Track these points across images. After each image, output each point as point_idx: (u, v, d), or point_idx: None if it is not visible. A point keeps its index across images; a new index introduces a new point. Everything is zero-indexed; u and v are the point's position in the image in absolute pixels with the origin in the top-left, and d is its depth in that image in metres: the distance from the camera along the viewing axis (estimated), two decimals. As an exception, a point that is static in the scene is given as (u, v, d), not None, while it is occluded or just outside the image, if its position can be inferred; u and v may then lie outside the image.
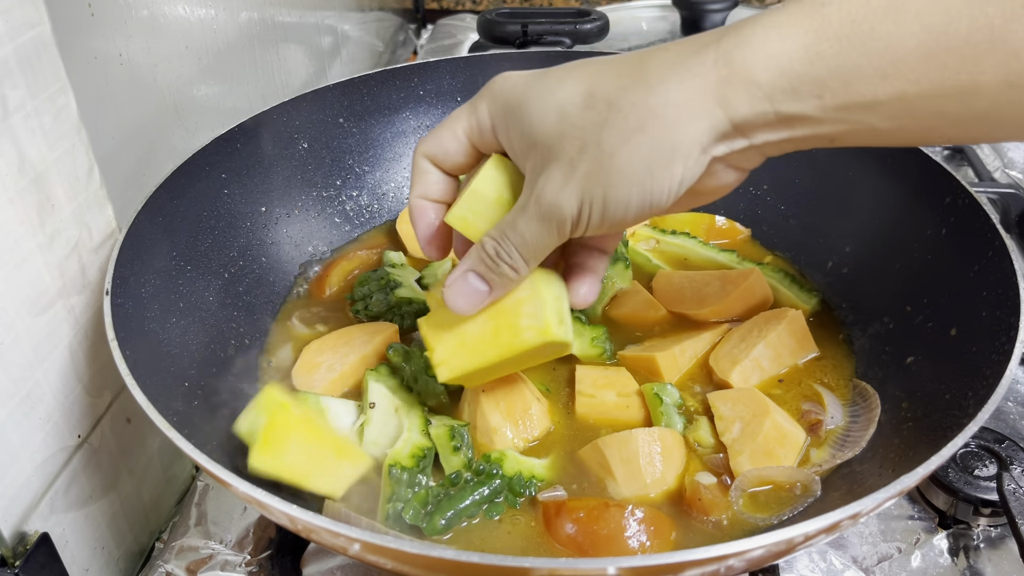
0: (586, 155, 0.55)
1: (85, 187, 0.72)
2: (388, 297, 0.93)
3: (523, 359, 0.71)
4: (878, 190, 0.94)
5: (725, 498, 0.72)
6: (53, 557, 0.69)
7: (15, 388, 0.65)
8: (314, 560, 0.78)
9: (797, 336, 0.87)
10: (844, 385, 0.85)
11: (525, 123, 0.59)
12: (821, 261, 0.99)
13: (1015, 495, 0.74)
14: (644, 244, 1.04)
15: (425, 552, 0.52)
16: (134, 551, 0.83)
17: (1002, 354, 0.67)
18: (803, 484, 0.73)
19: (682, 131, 0.53)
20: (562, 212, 0.58)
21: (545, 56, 1.15)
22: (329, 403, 0.79)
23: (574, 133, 0.56)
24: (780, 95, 0.52)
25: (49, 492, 0.70)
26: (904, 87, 0.49)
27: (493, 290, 0.65)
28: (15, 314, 0.65)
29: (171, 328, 0.79)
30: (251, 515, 0.83)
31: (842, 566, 0.77)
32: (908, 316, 0.85)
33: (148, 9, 0.87)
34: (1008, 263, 0.74)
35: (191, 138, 0.97)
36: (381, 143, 1.11)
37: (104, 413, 0.77)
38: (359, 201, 1.09)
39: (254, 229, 0.97)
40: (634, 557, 0.51)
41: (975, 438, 0.82)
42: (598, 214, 0.57)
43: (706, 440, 0.78)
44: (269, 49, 1.17)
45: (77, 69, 0.72)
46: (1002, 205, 1.21)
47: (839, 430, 0.80)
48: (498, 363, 0.70)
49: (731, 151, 0.56)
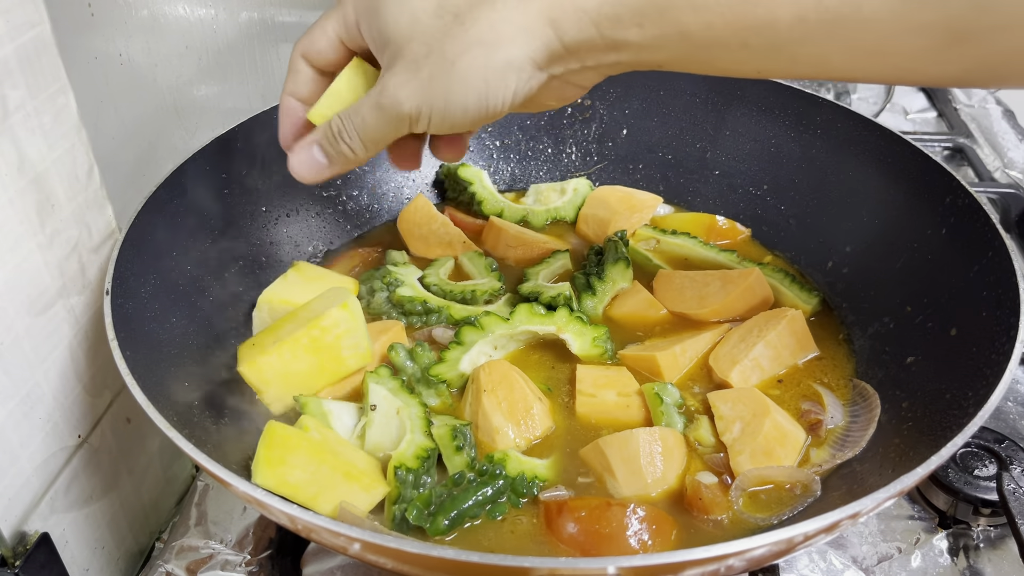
0: (430, 60, 0.60)
1: (85, 187, 0.72)
2: (390, 296, 0.93)
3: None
4: (878, 190, 0.94)
5: (726, 497, 0.72)
6: (53, 557, 0.69)
7: (15, 388, 0.65)
8: (314, 560, 0.78)
9: (797, 336, 0.87)
10: (844, 385, 0.85)
11: (381, 21, 0.63)
12: (821, 261, 0.99)
13: (1015, 495, 0.74)
14: (645, 244, 1.04)
15: (425, 552, 0.52)
16: (134, 551, 0.83)
17: (1002, 354, 0.67)
18: (803, 484, 0.73)
19: (517, 48, 0.59)
20: (400, 108, 0.63)
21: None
22: (331, 406, 0.79)
23: (422, 38, 0.61)
24: (606, 22, 0.57)
25: (49, 492, 0.70)
26: (712, 19, 0.55)
27: (331, 165, 0.71)
28: (15, 314, 0.65)
29: (171, 328, 0.79)
30: (251, 515, 0.83)
31: (842, 566, 0.77)
32: (908, 316, 0.85)
33: (148, 9, 0.87)
34: (1008, 263, 0.74)
35: (191, 138, 0.97)
36: (381, 143, 1.11)
37: (104, 413, 0.77)
38: (359, 201, 1.09)
39: (254, 229, 0.97)
40: (634, 557, 0.51)
41: (975, 438, 0.82)
42: (439, 116, 0.63)
43: (706, 439, 0.78)
44: (269, 49, 1.17)
45: (77, 69, 0.72)
46: (1002, 205, 1.21)
47: (839, 430, 0.79)
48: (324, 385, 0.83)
49: (566, 70, 0.62)
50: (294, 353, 0.79)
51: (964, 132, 1.46)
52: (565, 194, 1.12)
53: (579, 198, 1.11)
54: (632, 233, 1.05)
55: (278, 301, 0.88)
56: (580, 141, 1.17)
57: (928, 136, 1.43)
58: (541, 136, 1.18)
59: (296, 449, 0.69)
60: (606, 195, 1.08)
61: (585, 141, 1.17)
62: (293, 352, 0.79)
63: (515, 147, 1.18)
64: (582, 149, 1.17)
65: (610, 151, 1.16)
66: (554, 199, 1.12)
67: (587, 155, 1.17)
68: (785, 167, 1.05)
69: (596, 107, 1.16)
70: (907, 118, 1.55)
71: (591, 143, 1.17)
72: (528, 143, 1.18)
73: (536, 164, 1.18)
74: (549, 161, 1.18)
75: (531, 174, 1.18)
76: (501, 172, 1.18)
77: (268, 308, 0.89)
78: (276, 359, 0.79)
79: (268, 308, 0.89)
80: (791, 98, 1.04)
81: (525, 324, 0.86)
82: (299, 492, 0.69)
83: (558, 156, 1.18)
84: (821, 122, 1.01)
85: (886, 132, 0.94)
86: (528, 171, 1.18)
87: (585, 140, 1.17)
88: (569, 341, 0.86)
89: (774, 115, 1.06)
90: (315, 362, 0.80)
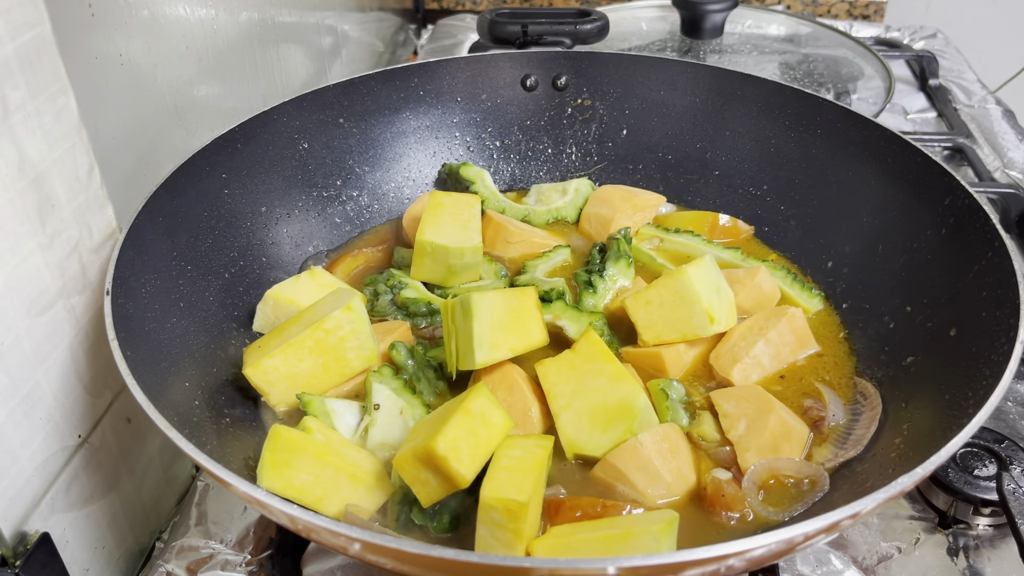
0: None
1: (85, 187, 0.72)
2: (394, 298, 0.93)
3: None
4: (878, 190, 0.94)
5: (742, 493, 0.73)
6: (53, 557, 0.69)
7: (15, 388, 0.65)
8: (314, 560, 0.78)
9: (797, 333, 0.88)
10: (845, 383, 0.85)
11: None
12: (821, 261, 0.99)
13: (1015, 495, 0.74)
14: (648, 243, 1.04)
15: (425, 552, 0.52)
16: (134, 551, 0.83)
17: (1002, 354, 0.67)
18: (811, 479, 0.74)
19: None
20: None
21: (545, 56, 1.15)
22: (334, 405, 0.79)
23: None
24: None
25: (49, 492, 0.70)
26: None
27: None
28: (15, 314, 0.65)
29: (171, 328, 0.79)
30: (251, 515, 0.83)
31: (842, 566, 0.77)
32: (908, 316, 0.85)
33: (148, 9, 0.87)
34: (1008, 263, 0.74)
35: (191, 138, 0.97)
36: (381, 143, 1.11)
37: (104, 413, 0.77)
38: (359, 201, 1.09)
39: (254, 229, 0.97)
40: (634, 557, 0.51)
41: (975, 438, 0.82)
42: None
43: (710, 435, 0.78)
44: (269, 49, 1.17)
45: (77, 69, 0.72)
46: (1002, 205, 1.21)
47: (841, 428, 0.80)
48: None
49: None
50: (299, 355, 0.80)
51: (964, 132, 1.46)
52: (567, 194, 1.12)
53: (581, 198, 1.11)
54: (635, 232, 1.05)
55: (284, 299, 0.89)
56: (580, 141, 1.17)
57: (928, 136, 1.43)
58: (541, 136, 1.18)
59: (301, 452, 0.69)
60: (609, 194, 1.08)
61: (585, 141, 1.17)
62: (298, 354, 0.79)
63: (515, 147, 1.18)
64: (582, 149, 1.17)
65: (610, 151, 1.16)
66: (556, 199, 1.12)
67: (587, 155, 1.17)
68: (785, 167, 1.05)
69: (596, 107, 1.16)
70: (907, 118, 1.55)
71: (591, 143, 1.17)
72: (528, 143, 1.18)
73: (536, 164, 1.18)
74: (549, 161, 1.18)
75: (531, 174, 1.18)
76: (501, 172, 1.18)
77: (273, 303, 0.90)
78: (281, 361, 0.79)
79: (273, 303, 0.90)
80: (791, 98, 1.04)
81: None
82: (305, 495, 0.69)
83: (558, 156, 1.18)
84: (821, 122, 1.01)
85: (886, 132, 0.94)
86: (528, 171, 1.18)
87: (585, 140, 1.17)
88: (566, 327, 0.87)
89: (774, 115, 1.06)
90: (320, 364, 0.81)
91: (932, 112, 1.57)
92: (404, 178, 1.13)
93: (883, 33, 1.86)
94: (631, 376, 0.78)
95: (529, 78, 1.15)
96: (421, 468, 0.67)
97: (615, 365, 0.77)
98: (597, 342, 0.79)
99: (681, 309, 0.83)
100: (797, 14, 1.67)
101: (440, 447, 0.65)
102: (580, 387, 0.78)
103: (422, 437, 0.68)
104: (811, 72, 1.47)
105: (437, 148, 1.15)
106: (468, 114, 1.15)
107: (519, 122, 1.17)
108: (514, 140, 1.17)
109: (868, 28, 1.88)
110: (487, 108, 1.16)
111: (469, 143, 1.16)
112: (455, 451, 0.66)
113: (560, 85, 1.16)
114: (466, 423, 0.68)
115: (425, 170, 1.14)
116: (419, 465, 0.67)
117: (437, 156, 1.15)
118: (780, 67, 1.49)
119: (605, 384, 0.77)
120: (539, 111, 1.17)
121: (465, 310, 0.78)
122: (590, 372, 0.78)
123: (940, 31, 1.85)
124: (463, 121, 1.16)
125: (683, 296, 0.82)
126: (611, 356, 0.78)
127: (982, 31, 2.07)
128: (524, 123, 1.17)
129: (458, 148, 1.16)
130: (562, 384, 0.79)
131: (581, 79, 1.15)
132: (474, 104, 1.15)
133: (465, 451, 0.67)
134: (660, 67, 1.13)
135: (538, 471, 0.67)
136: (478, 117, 1.16)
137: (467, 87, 1.14)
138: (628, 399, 0.76)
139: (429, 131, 1.14)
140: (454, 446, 0.66)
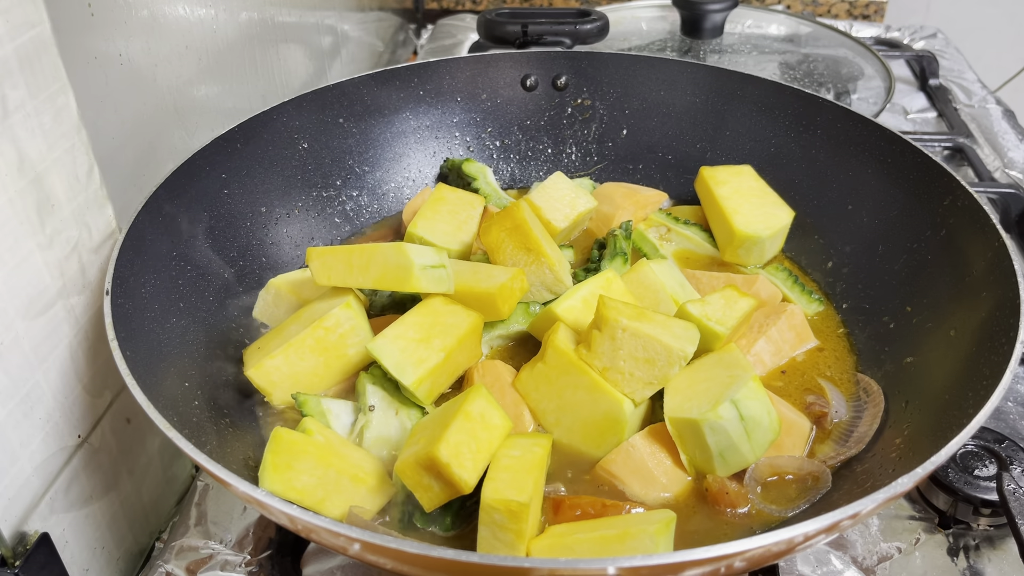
0: None
1: (85, 187, 0.72)
2: (392, 294, 0.93)
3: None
4: (878, 190, 0.94)
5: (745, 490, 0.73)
6: (53, 557, 0.69)
7: (15, 388, 0.65)
8: (314, 560, 0.78)
9: (796, 330, 0.88)
10: (847, 380, 0.85)
11: None
12: (821, 261, 0.99)
13: (1015, 495, 0.74)
14: (655, 231, 1.04)
15: (425, 552, 0.52)
16: (134, 551, 0.83)
17: (1002, 354, 0.67)
18: (813, 475, 0.74)
19: None
20: None
21: (545, 56, 1.15)
22: (330, 404, 0.79)
23: None
24: None
25: (49, 492, 0.70)
26: None
27: None
28: (15, 314, 0.65)
29: (171, 328, 0.79)
30: (251, 515, 0.83)
31: (842, 566, 0.77)
32: (908, 316, 0.85)
33: (148, 9, 0.87)
34: (1008, 263, 0.74)
35: (191, 138, 0.97)
36: (381, 143, 1.11)
37: (104, 413, 0.77)
38: (359, 201, 1.09)
39: (254, 229, 0.97)
40: (634, 557, 0.51)
41: (975, 438, 0.82)
42: None
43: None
44: (269, 49, 1.17)
45: (77, 69, 0.72)
46: (1002, 205, 1.21)
47: (843, 424, 0.80)
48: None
49: None
50: (299, 354, 0.80)
51: (964, 132, 1.46)
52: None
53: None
54: (644, 218, 1.06)
55: (286, 290, 0.90)
56: (580, 141, 1.17)
57: (928, 136, 1.43)
58: (541, 136, 1.18)
59: (303, 454, 0.70)
60: (611, 191, 1.08)
61: (585, 141, 1.17)
62: (298, 353, 0.80)
63: (515, 147, 1.18)
64: (582, 149, 1.17)
65: (610, 151, 1.16)
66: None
67: (587, 155, 1.17)
68: (785, 167, 1.05)
69: (596, 107, 1.16)
70: (907, 118, 1.55)
71: (591, 143, 1.17)
72: (528, 143, 1.18)
73: (536, 164, 1.18)
74: (549, 161, 1.18)
75: (531, 174, 1.18)
76: (501, 172, 1.18)
77: (275, 292, 0.91)
78: (282, 361, 0.79)
79: (275, 292, 0.91)
80: (791, 98, 1.04)
81: (520, 324, 0.86)
82: (307, 496, 0.69)
83: (558, 156, 1.18)
84: (821, 122, 1.01)
85: (886, 132, 0.94)
86: (528, 171, 1.18)
87: (585, 140, 1.17)
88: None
89: (774, 115, 1.06)
90: (321, 362, 0.81)
91: (932, 112, 1.57)
92: (404, 178, 1.13)
93: (883, 33, 1.86)
94: (607, 386, 0.75)
95: (529, 78, 1.15)
96: (423, 474, 0.67)
97: (588, 376, 0.75)
98: (563, 352, 0.77)
99: (646, 299, 0.87)
100: (797, 14, 1.67)
101: (442, 454, 0.65)
102: (563, 403, 0.77)
103: (423, 443, 0.68)
104: (811, 72, 1.47)
105: (437, 148, 1.15)
106: (468, 114, 1.15)
107: (519, 122, 1.17)
108: (514, 140, 1.17)
109: (868, 28, 1.88)
110: (487, 108, 1.16)
111: (469, 143, 1.16)
112: (457, 457, 0.66)
113: (560, 85, 1.16)
114: (466, 427, 0.68)
115: (425, 170, 1.14)
116: (421, 471, 0.67)
117: (437, 156, 1.15)
118: (780, 67, 1.49)
119: (585, 398, 0.76)
120: (539, 111, 1.17)
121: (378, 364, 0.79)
122: (568, 385, 0.77)
123: (940, 31, 1.85)
124: (463, 121, 1.16)
125: (647, 285, 0.88)
126: (581, 366, 0.75)
127: (982, 31, 2.08)
128: (524, 123, 1.17)
129: (458, 148, 1.16)
130: (544, 401, 0.79)
131: (581, 79, 1.15)
132: (474, 104, 1.15)
133: (467, 456, 0.67)
134: (660, 67, 1.13)
135: (538, 470, 0.67)
136: (478, 117, 1.16)
137: (467, 87, 1.14)
138: (612, 412, 0.75)
139: (429, 131, 1.14)
140: (456, 452, 0.66)
